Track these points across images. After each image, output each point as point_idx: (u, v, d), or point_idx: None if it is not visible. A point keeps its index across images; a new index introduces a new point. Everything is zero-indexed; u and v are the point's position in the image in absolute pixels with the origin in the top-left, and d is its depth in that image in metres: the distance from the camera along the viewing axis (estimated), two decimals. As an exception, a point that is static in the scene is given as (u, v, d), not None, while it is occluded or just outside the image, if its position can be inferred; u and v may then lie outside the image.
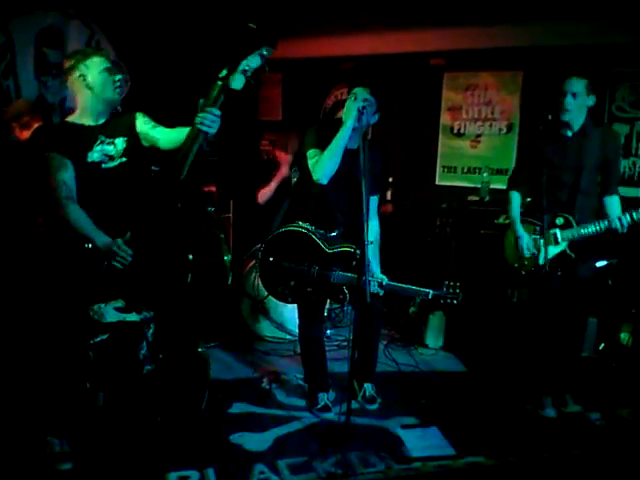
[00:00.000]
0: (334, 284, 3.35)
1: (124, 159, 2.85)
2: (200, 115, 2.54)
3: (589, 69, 5.00)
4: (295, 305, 3.63)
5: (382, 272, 3.43)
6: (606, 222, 3.40)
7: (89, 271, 2.72)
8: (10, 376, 3.15)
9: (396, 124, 5.80)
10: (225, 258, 2.70)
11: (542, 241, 3.48)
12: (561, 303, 3.60)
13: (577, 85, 3.42)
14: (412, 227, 5.71)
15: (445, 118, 5.85)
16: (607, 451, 3.18)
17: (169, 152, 2.85)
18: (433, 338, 4.73)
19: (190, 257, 2.75)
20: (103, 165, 2.81)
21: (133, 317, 2.70)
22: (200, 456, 2.95)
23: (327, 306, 4.67)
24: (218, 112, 2.55)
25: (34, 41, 4.58)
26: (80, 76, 2.77)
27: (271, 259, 3.46)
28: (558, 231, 3.52)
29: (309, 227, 3.44)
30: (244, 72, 2.51)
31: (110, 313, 2.66)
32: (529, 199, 3.83)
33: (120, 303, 2.70)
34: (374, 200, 3.50)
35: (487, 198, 5.27)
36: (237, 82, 2.52)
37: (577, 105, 3.43)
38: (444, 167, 5.87)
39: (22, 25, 4.48)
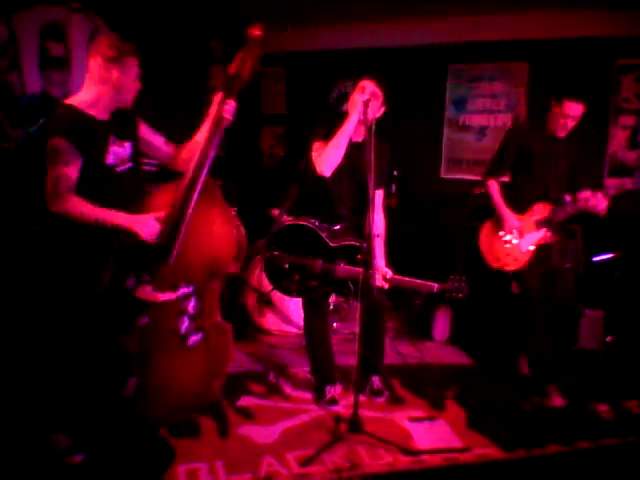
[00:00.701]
0: (338, 278, 3.35)
1: (131, 164, 2.84)
2: (225, 108, 2.70)
3: (594, 60, 5.07)
4: (300, 298, 3.63)
5: (387, 265, 3.42)
6: (579, 200, 3.64)
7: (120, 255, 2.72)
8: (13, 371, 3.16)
9: (400, 117, 5.78)
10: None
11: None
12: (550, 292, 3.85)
13: (580, 110, 3.64)
14: (417, 220, 5.70)
15: (450, 111, 5.82)
16: (615, 443, 3.17)
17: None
18: (439, 331, 4.73)
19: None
20: (117, 169, 2.76)
21: (169, 296, 2.72)
22: (209, 449, 2.95)
23: (333, 299, 4.68)
24: (234, 103, 2.74)
25: (38, 36, 4.57)
26: (115, 74, 2.66)
27: (275, 253, 3.46)
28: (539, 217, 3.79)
29: (313, 221, 3.43)
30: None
31: (155, 293, 2.68)
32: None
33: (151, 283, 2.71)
34: (379, 194, 3.49)
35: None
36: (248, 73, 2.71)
37: (575, 124, 3.70)
38: (449, 160, 5.85)
39: (25, 20, 4.47)
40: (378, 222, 3.43)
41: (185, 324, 2.77)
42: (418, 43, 5.75)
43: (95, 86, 2.69)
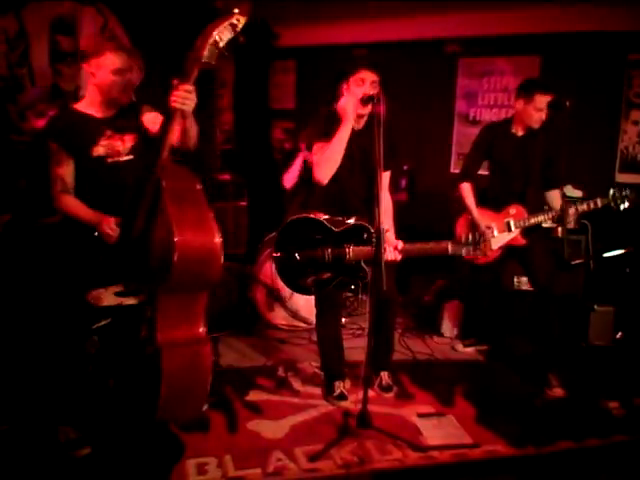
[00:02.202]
0: (351, 262, 3.28)
1: (131, 157, 2.87)
2: (173, 92, 2.43)
3: (606, 55, 5.03)
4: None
5: (397, 238, 3.38)
6: (554, 212, 3.78)
7: (90, 258, 2.76)
8: (17, 366, 3.17)
9: (410, 111, 5.76)
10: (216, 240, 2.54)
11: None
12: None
13: (546, 101, 3.69)
14: (427, 215, 5.67)
15: (460, 105, 5.79)
16: (625, 440, 3.16)
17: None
18: (449, 327, 4.71)
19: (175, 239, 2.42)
20: (109, 160, 2.83)
21: (132, 300, 2.63)
22: (218, 443, 2.95)
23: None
24: (191, 87, 2.44)
25: (48, 29, 4.57)
26: (91, 72, 2.79)
27: (285, 253, 3.37)
28: (511, 220, 3.88)
29: (319, 214, 3.37)
30: (216, 44, 2.36)
31: (108, 297, 2.62)
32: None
33: (120, 287, 2.66)
34: (385, 176, 3.40)
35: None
36: (210, 55, 2.39)
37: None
38: (459, 155, 5.81)
39: (36, 13, 4.48)
40: (385, 200, 3.36)
41: (143, 331, 2.61)
42: (428, 37, 5.72)
43: (87, 86, 2.90)
